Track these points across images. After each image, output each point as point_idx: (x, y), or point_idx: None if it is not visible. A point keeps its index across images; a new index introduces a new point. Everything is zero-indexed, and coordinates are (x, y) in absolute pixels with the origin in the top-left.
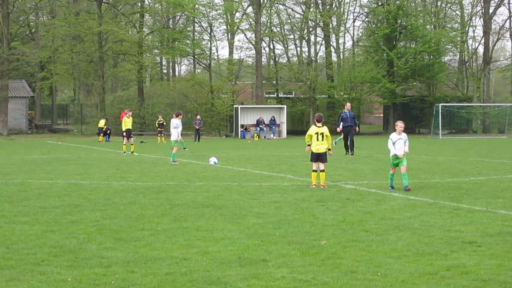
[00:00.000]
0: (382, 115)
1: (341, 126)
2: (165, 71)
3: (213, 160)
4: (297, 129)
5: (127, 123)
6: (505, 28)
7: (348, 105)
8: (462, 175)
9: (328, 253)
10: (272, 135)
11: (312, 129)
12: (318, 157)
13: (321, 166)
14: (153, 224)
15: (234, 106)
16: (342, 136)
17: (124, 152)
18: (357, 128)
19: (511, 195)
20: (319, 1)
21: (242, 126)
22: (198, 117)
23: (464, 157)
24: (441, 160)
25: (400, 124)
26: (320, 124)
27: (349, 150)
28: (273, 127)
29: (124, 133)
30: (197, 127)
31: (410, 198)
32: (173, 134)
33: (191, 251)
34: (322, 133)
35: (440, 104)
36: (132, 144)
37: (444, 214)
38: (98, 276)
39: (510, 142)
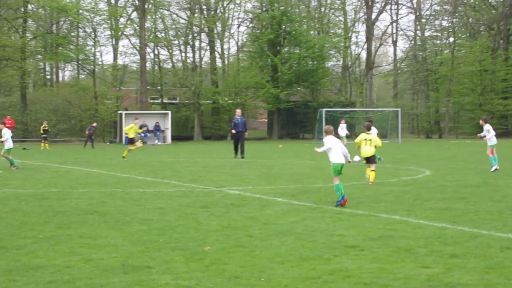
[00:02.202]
0: (266, 120)
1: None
2: (48, 76)
3: (357, 158)
4: (182, 134)
5: None
6: (387, 34)
7: (239, 111)
8: (344, 179)
9: (212, 259)
10: (156, 141)
11: (362, 136)
12: (369, 159)
13: (372, 166)
14: (35, 232)
15: (119, 112)
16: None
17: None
18: (246, 133)
19: (393, 199)
20: (204, 7)
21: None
22: (95, 124)
23: (346, 161)
24: (325, 165)
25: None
26: (369, 132)
27: (239, 154)
28: (158, 133)
29: None
30: (90, 133)
31: (293, 203)
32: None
33: (74, 258)
34: (370, 140)
35: (324, 109)
36: None
37: (327, 218)
38: None
39: (392, 146)
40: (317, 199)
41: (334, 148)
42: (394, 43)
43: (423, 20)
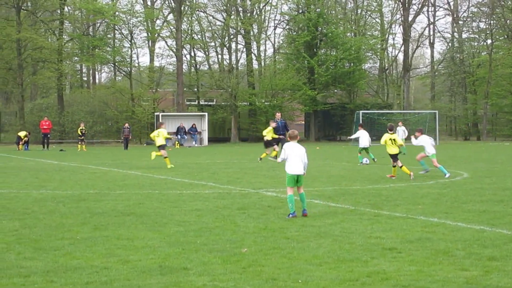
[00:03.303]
0: (303, 122)
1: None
2: (85, 78)
3: (365, 160)
4: (219, 136)
5: None
6: (424, 36)
7: (278, 114)
8: (382, 182)
9: (249, 261)
10: (193, 143)
11: (386, 136)
12: (394, 157)
13: (399, 163)
14: (73, 233)
15: (155, 113)
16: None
17: None
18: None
19: (431, 202)
20: (240, 9)
21: None
22: (126, 125)
23: (384, 164)
24: (362, 167)
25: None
26: (391, 132)
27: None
28: (194, 135)
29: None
30: (126, 135)
31: (331, 205)
32: None
33: (111, 260)
34: (394, 139)
35: (361, 111)
36: None
37: (364, 220)
38: (17, 286)
39: None
40: (355, 201)
41: (291, 156)
42: (431, 45)
43: (460, 22)
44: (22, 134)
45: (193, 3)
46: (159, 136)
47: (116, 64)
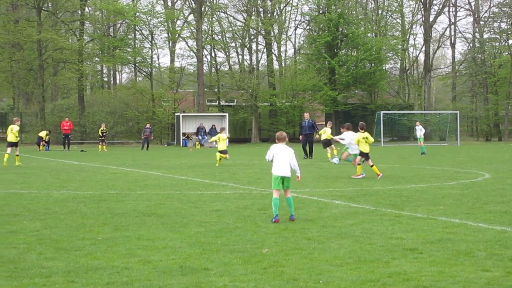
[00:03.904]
0: (324, 122)
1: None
2: (106, 79)
3: (335, 160)
4: (239, 137)
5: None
6: (445, 36)
7: (307, 114)
8: (403, 182)
9: (270, 261)
10: (214, 143)
11: (359, 135)
12: (366, 156)
13: (370, 162)
14: (94, 234)
15: (176, 114)
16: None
17: None
18: (317, 135)
19: (452, 202)
20: (261, 9)
21: (183, 134)
22: (148, 125)
23: (405, 164)
24: (383, 168)
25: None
26: (363, 130)
27: (308, 154)
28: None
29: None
30: (146, 136)
31: (351, 205)
32: None
33: (132, 260)
34: (366, 137)
35: (382, 112)
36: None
37: (385, 221)
38: (38, 286)
39: (451, 149)
40: (375, 202)
41: (277, 157)
42: (453, 45)
43: (481, 22)
44: (43, 134)
45: (214, 4)
46: (219, 140)
47: (137, 64)
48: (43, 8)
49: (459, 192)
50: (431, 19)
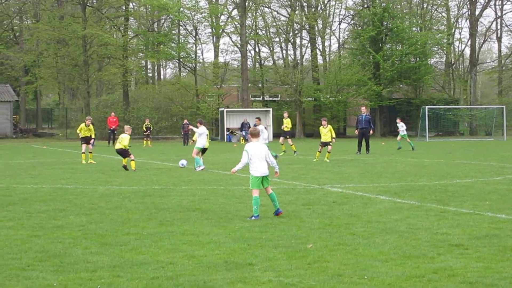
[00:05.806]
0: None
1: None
2: (150, 74)
3: (181, 162)
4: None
5: None
6: (491, 30)
7: (364, 108)
8: (448, 177)
9: (314, 257)
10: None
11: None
12: (325, 144)
13: (329, 148)
14: (138, 229)
15: (220, 109)
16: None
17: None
18: (371, 130)
19: (498, 198)
20: (305, 4)
21: (228, 129)
22: (186, 121)
23: (450, 159)
24: (428, 163)
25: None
26: (325, 124)
27: (366, 149)
28: None
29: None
30: (185, 131)
31: (396, 201)
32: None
33: (177, 255)
34: (330, 130)
35: (427, 107)
36: None
37: (431, 216)
38: (84, 280)
39: (497, 144)
40: (421, 197)
41: (255, 158)
42: (499, 39)
43: None
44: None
45: None
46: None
47: (181, 60)
48: (88, 4)
49: (505, 188)
50: (477, 12)
